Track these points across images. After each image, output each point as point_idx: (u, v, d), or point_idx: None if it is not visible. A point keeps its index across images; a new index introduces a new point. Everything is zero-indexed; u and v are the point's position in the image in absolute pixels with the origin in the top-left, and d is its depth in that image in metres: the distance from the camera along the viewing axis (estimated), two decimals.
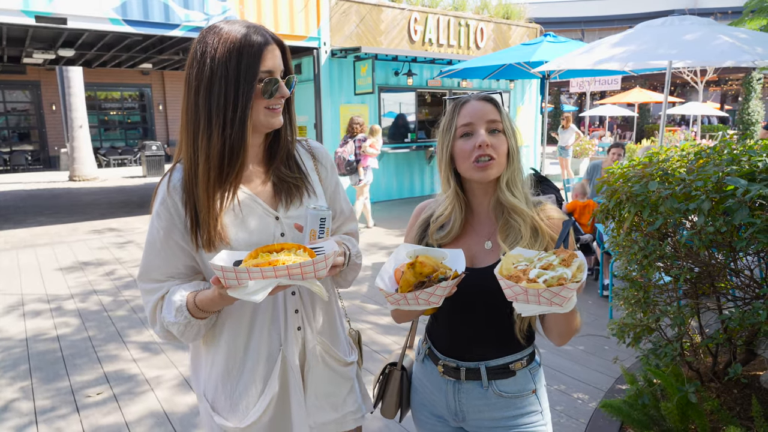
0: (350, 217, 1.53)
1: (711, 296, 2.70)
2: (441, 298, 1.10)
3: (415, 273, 1.11)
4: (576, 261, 1.04)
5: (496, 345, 1.37)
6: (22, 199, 12.32)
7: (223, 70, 1.17)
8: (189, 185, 1.23)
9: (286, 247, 1.13)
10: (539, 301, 0.98)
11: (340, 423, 1.44)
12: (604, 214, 2.77)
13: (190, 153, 1.22)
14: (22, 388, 3.41)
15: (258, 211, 1.29)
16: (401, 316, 1.38)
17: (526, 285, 0.98)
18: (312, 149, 1.45)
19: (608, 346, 3.87)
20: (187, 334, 1.24)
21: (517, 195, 1.32)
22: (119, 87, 22.09)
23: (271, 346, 1.32)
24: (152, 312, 1.28)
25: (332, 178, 1.47)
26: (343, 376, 1.46)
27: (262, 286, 1.03)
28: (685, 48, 4.82)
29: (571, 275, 1.00)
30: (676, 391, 2.37)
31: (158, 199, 1.27)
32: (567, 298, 0.97)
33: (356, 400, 1.49)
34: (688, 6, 25.17)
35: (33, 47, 10.06)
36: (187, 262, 1.28)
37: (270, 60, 1.21)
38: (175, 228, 1.25)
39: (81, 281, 5.77)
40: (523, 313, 1.02)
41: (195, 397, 3.26)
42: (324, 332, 1.41)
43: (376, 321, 4.48)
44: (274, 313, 1.31)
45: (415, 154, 11.53)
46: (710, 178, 2.22)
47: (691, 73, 16.55)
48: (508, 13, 12.91)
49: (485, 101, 1.33)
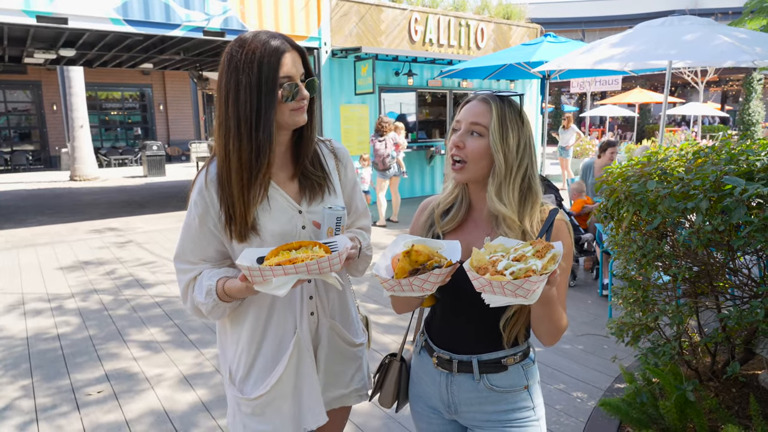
0: (363, 213, 1.66)
1: (709, 295, 2.71)
2: (434, 285, 1.13)
3: (411, 261, 1.14)
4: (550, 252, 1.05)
5: (490, 339, 1.37)
6: (22, 198, 12.34)
7: (246, 78, 1.28)
8: (223, 182, 1.36)
9: (303, 244, 1.25)
10: (504, 293, 1.00)
11: (346, 398, 1.61)
12: (603, 214, 2.78)
13: (223, 155, 1.34)
14: (24, 387, 3.42)
15: (284, 204, 1.42)
16: (400, 305, 1.41)
17: (490, 277, 1.01)
18: (335, 150, 1.58)
19: (607, 345, 3.88)
20: (214, 313, 1.39)
21: (508, 205, 1.28)
22: (120, 87, 22.11)
23: (287, 329, 1.45)
24: (185, 290, 1.43)
25: (351, 178, 1.60)
26: (352, 356, 1.61)
27: (284, 281, 1.17)
28: (684, 48, 4.82)
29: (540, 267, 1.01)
30: (675, 390, 2.37)
31: (195, 189, 1.40)
32: (531, 290, 0.99)
33: (362, 378, 1.65)
34: (688, 6, 25.16)
35: (34, 47, 10.08)
36: (219, 247, 1.42)
37: (289, 66, 1.32)
38: (209, 217, 1.38)
39: (81, 280, 5.78)
40: (491, 303, 1.04)
41: (195, 396, 3.27)
42: (336, 316, 1.55)
43: (376, 320, 4.49)
44: (291, 299, 1.45)
45: (416, 154, 11.54)
46: (708, 177, 2.23)
47: (691, 74, 16.56)
48: (509, 13, 12.91)
49: (481, 102, 1.32)
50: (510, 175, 1.29)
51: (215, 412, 3.09)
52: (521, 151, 1.30)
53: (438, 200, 1.47)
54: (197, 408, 3.14)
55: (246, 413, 1.48)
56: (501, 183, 1.29)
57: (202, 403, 3.19)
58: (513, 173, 1.29)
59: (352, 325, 1.62)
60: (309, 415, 1.48)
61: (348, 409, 1.69)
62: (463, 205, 1.40)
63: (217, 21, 8.36)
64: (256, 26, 8.71)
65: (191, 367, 3.67)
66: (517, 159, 1.29)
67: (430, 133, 12.02)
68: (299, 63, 1.36)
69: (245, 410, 1.48)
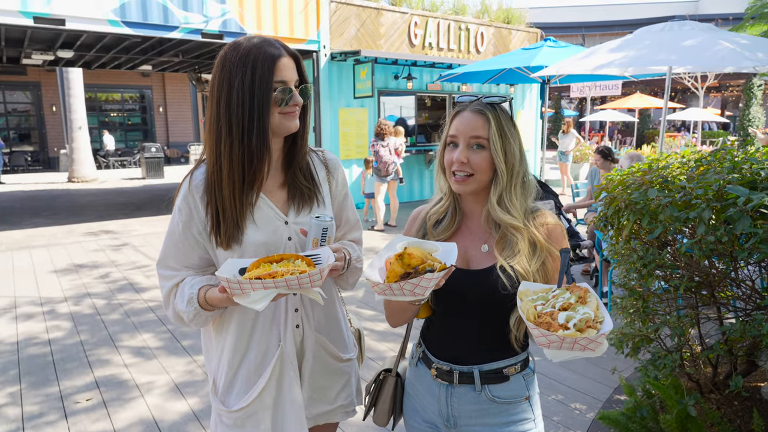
0: (355, 226, 1.61)
1: (711, 306, 2.65)
2: (426, 289, 1.08)
3: (403, 264, 1.11)
4: (590, 297, 1.05)
5: (491, 348, 1.35)
6: (20, 200, 12.28)
7: (239, 82, 1.27)
8: (211, 187, 1.34)
9: (285, 257, 1.22)
10: (573, 347, 0.98)
11: (331, 414, 1.55)
12: (603, 222, 2.72)
13: (213, 159, 1.32)
14: (11, 394, 3.36)
15: (270, 214, 1.39)
16: (395, 316, 1.37)
17: (563, 334, 0.98)
18: (326, 161, 1.54)
19: (606, 355, 3.81)
20: (195, 321, 1.36)
21: (513, 212, 1.30)
22: (119, 89, 22.09)
23: (271, 341, 1.42)
24: (167, 297, 1.40)
25: (342, 190, 1.55)
26: (339, 371, 1.55)
27: (263, 295, 1.14)
28: (685, 53, 4.78)
29: (593, 315, 1.01)
30: (676, 404, 2.31)
31: (180, 195, 1.38)
32: (600, 344, 0.98)
33: (349, 394, 1.58)
34: (689, 12, 25.20)
35: (32, 48, 10.04)
36: (202, 254, 1.40)
37: (283, 71, 1.31)
38: (193, 223, 1.36)
39: (75, 284, 5.71)
40: (554, 359, 1.02)
41: (185, 405, 3.21)
42: (322, 329, 1.49)
43: (372, 327, 4.42)
44: (275, 311, 1.41)
45: (415, 158, 11.49)
46: (711, 186, 2.17)
47: (691, 79, 16.55)
48: (509, 17, 12.89)
49: (477, 114, 1.30)
50: (511, 181, 1.31)
51: (206, 421, 3.02)
52: (519, 156, 1.32)
53: (429, 210, 1.44)
54: (188, 417, 3.07)
55: (227, 425, 1.45)
56: (503, 191, 1.30)
57: (193, 412, 3.13)
58: (514, 179, 1.31)
59: (341, 339, 1.56)
60: (290, 430, 1.44)
61: (334, 425, 1.64)
62: (457, 214, 1.39)
63: (215, 23, 8.32)
64: (254, 29, 8.67)
65: (183, 375, 3.60)
66: (517, 165, 1.31)
67: (429, 137, 11.97)
68: (294, 69, 1.34)
69: (226, 422, 1.45)
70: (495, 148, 1.28)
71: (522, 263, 1.26)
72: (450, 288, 1.21)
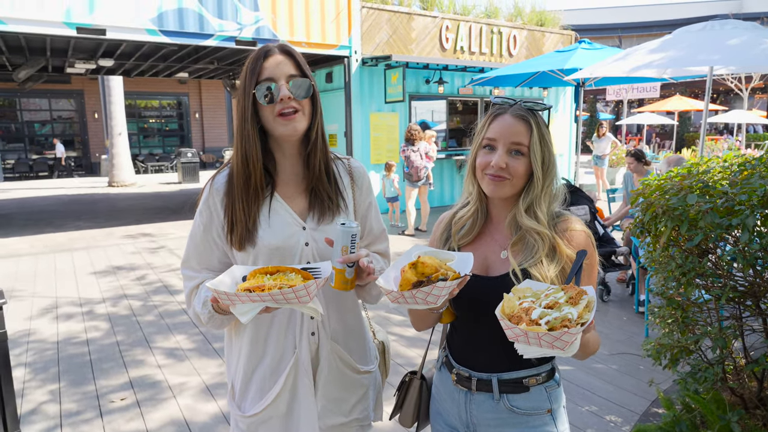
0: (380, 236, 1.57)
1: (757, 317, 2.53)
2: (438, 298, 1.08)
3: (417, 272, 1.12)
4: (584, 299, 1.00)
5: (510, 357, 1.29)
6: (63, 203, 12.77)
7: (240, 87, 1.32)
8: (230, 189, 1.37)
9: (281, 269, 1.21)
10: (540, 344, 0.95)
11: (345, 427, 1.51)
12: (639, 228, 2.63)
13: (232, 162, 1.38)
14: (51, 391, 3.47)
15: (287, 219, 1.38)
16: (418, 321, 1.38)
17: (526, 327, 0.96)
18: (351, 169, 1.51)
19: (643, 366, 3.69)
20: (211, 323, 1.38)
21: (539, 218, 1.27)
22: (158, 96, 22.77)
23: (286, 348, 1.41)
24: (188, 297, 1.43)
25: (366, 199, 1.52)
26: (356, 383, 1.51)
27: (249, 308, 1.13)
28: (727, 53, 4.59)
29: (576, 315, 0.97)
30: (717, 420, 2.21)
31: (203, 198, 1.42)
32: (569, 342, 0.94)
33: (366, 408, 1.54)
34: (732, 11, 24.31)
35: (75, 57, 10.44)
36: (222, 257, 1.42)
37: (270, 69, 1.30)
38: (213, 226, 1.39)
39: (113, 285, 5.89)
40: (525, 354, 1.00)
41: (216, 406, 3.25)
42: (339, 339, 1.46)
43: (401, 333, 4.40)
44: (291, 317, 1.40)
45: (446, 162, 11.43)
46: (756, 191, 2.07)
47: (735, 80, 15.95)
48: (542, 20, 12.70)
49: (518, 119, 1.27)
50: (543, 188, 1.29)
51: None
52: (553, 163, 1.31)
53: (456, 214, 1.43)
54: (218, 419, 3.11)
55: (242, 429, 1.45)
56: (534, 198, 1.28)
57: (223, 414, 3.16)
58: (546, 185, 1.30)
59: (361, 350, 1.53)
60: None
61: None
62: (480, 218, 1.38)
63: (249, 31, 8.47)
64: (287, 35, 8.79)
65: (214, 377, 3.66)
66: (550, 172, 1.30)
67: (461, 142, 11.89)
68: (287, 65, 1.32)
69: (241, 426, 1.46)
70: (535, 156, 1.26)
71: (539, 268, 1.23)
72: (469, 295, 1.21)
